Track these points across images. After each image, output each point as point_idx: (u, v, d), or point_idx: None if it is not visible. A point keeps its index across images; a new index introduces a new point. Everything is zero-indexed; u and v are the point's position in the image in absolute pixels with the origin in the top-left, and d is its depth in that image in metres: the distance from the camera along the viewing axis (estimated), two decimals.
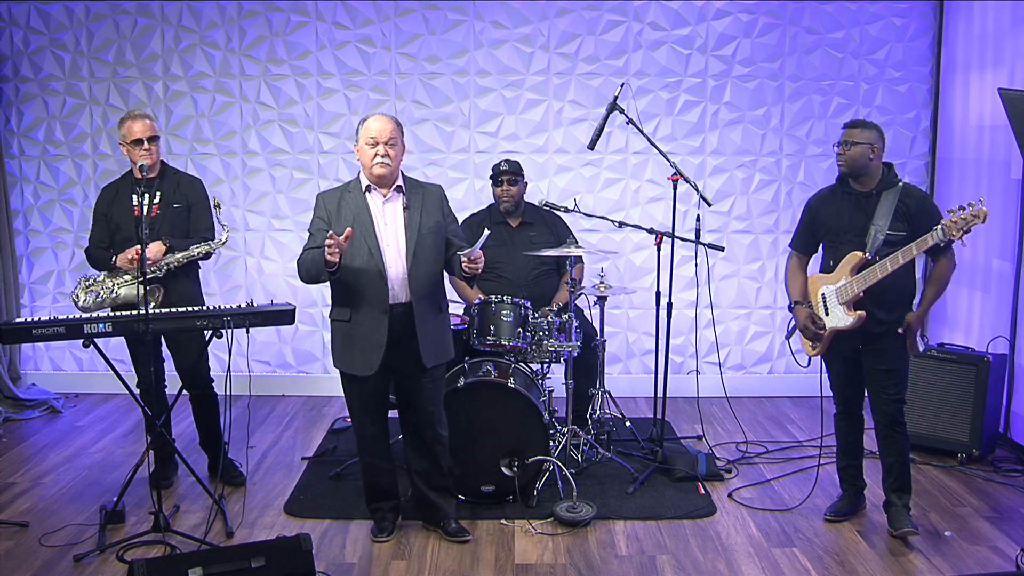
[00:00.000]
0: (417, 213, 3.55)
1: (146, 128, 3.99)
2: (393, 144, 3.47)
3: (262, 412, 5.34)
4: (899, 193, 3.60)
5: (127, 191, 4.06)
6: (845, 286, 3.63)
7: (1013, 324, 4.69)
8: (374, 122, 3.49)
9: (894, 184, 3.63)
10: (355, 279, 3.47)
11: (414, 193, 3.59)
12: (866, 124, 3.67)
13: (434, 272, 3.59)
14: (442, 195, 3.67)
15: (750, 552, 3.60)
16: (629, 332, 5.74)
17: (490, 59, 5.52)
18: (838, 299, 3.65)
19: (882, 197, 3.61)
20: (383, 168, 3.46)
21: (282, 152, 5.61)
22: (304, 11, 5.50)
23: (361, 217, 3.49)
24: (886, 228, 3.56)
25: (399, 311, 3.49)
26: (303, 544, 3.00)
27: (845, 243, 3.68)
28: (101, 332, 3.61)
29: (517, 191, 4.70)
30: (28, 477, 4.37)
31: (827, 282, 3.73)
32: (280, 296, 5.60)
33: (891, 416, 3.66)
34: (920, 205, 3.61)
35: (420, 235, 3.52)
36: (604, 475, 4.30)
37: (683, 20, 5.49)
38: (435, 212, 3.59)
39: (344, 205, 3.53)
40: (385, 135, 3.46)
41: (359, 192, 3.55)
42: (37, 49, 5.54)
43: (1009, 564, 3.46)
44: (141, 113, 4.05)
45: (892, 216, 3.56)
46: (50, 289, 5.72)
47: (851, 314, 3.60)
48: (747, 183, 5.62)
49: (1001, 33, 4.85)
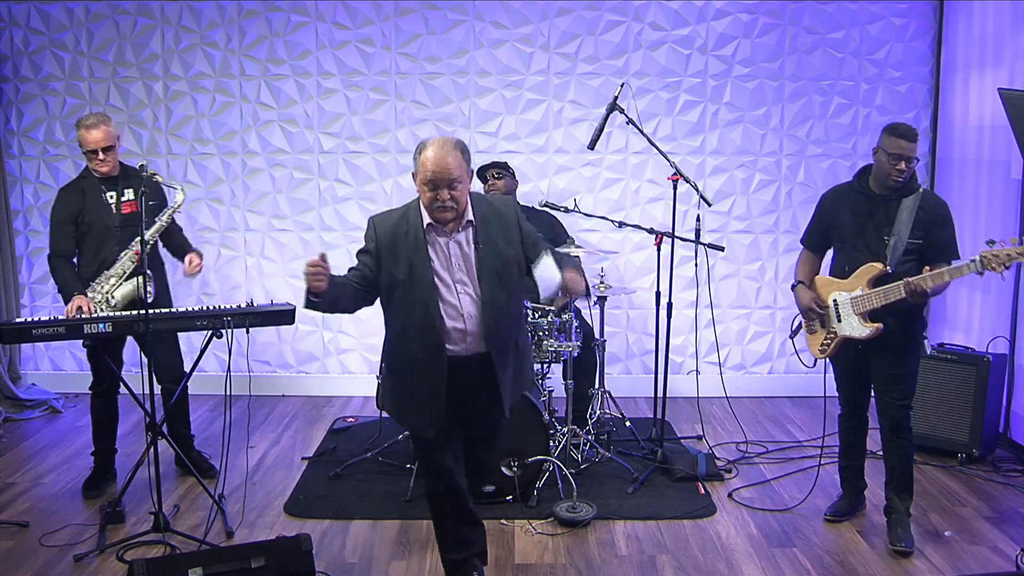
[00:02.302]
0: (492, 248, 2.96)
1: (100, 138, 3.89)
2: (458, 183, 2.86)
3: (262, 412, 5.34)
4: (919, 200, 3.50)
5: (95, 191, 3.99)
6: (862, 298, 3.54)
7: (1013, 324, 4.69)
8: (432, 157, 2.83)
9: (915, 190, 3.53)
10: (411, 333, 2.98)
11: (487, 222, 2.98)
12: (916, 133, 3.50)
13: (515, 313, 3.07)
14: (516, 210, 3.06)
15: (750, 552, 3.60)
16: (629, 332, 5.74)
17: (490, 59, 5.52)
18: (853, 309, 3.57)
19: (902, 204, 3.50)
20: (447, 213, 2.89)
21: (282, 152, 5.61)
22: (304, 11, 5.50)
23: (418, 264, 2.93)
24: (907, 238, 3.47)
25: (474, 363, 2.98)
26: (303, 544, 3.00)
27: (860, 249, 3.58)
28: (101, 332, 3.61)
29: (504, 185, 4.74)
30: (28, 477, 4.37)
31: (840, 288, 3.64)
32: (280, 296, 5.60)
33: (897, 421, 3.62)
34: (935, 214, 3.51)
35: (498, 276, 2.95)
36: (604, 475, 4.30)
37: (683, 20, 5.49)
38: (513, 239, 2.99)
39: (400, 241, 2.95)
40: (446, 177, 2.83)
41: (419, 228, 2.95)
42: (37, 49, 5.54)
43: (1009, 564, 3.46)
44: (96, 120, 3.92)
45: (912, 225, 3.47)
46: (50, 289, 5.71)
47: (868, 325, 3.53)
48: (747, 183, 5.62)
49: (1001, 33, 4.85)
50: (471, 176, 2.98)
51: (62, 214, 3.98)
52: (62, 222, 3.97)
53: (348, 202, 5.63)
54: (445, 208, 2.86)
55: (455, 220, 2.92)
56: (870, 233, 3.56)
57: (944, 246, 3.53)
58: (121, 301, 3.93)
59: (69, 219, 3.97)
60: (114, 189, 4.00)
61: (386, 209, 3.14)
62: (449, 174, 2.83)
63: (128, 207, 4.00)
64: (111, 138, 3.94)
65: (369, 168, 5.61)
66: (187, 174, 5.61)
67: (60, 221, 3.98)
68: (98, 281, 3.94)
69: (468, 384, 3.01)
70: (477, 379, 3.00)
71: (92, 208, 3.98)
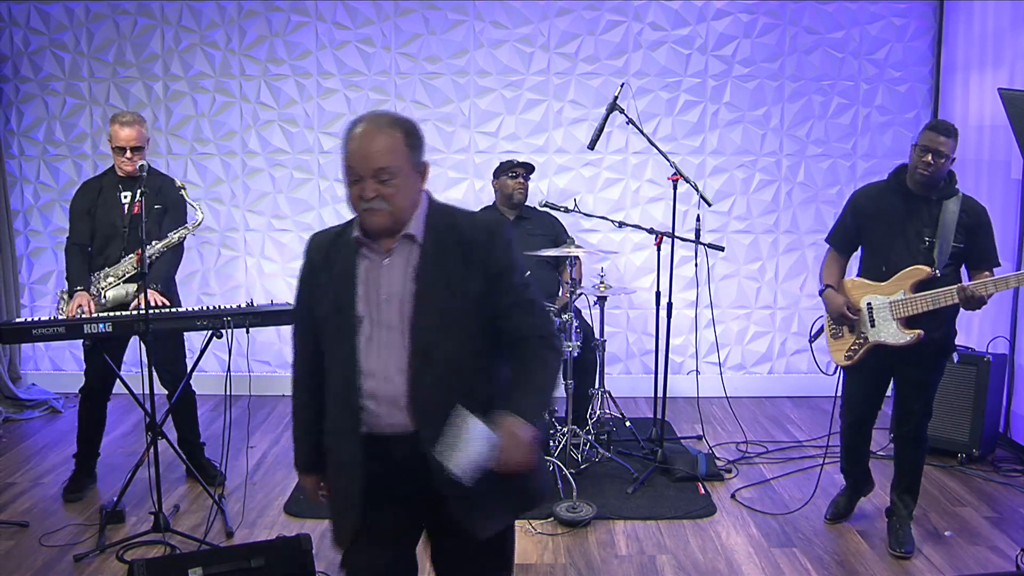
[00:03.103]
0: (440, 277, 2.05)
1: (132, 137, 3.91)
2: (391, 175, 1.98)
3: (262, 412, 5.33)
4: (960, 203, 3.35)
5: (112, 188, 4.01)
6: (904, 302, 3.34)
7: (1013, 324, 4.69)
8: (355, 135, 2.01)
9: (955, 193, 3.38)
10: (332, 396, 2.14)
11: (442, 241, 2.07)
12: (952, 129, 3.33)
13: (471, 372, 2.08)
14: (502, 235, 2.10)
15: (750, 552, 3.60)
16: (629, 332, 5.74)
17: (490, 59, 5.52)
18: (892, 313, 3.38)
19: (945, 206, 3.34)
20: (374, 217, 2.02)
21: (282, 152, 5.61)
22: (304, 11, 5.50)
23: (342, 296, 2.07)
24: (951, 241, 3.31)
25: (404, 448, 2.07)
26: (303, 544, 3.00)
27: (898, 250, 3.39)
28: (101, 332, 3.61)
29: (527, 185, 4.85)
30: (28, 477, 4.37)
31: (876, 291, 3.44)
32: (280, 296, 5.60)
33: (919, 431, 3.52)
34: (979, 220, 3.38)
35: (443, 318, 2.04)
36: (604, 475, 4.29)
37: (683, 20, 5.49)
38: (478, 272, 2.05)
39: (330, 265, 2.12)
40: (370, 164, 1.97)
41: (351, 245, 2.10)
42: (37, 49, 5.54)
43: (1009, 564, 3.46)
44: (132, 119, 3.93)
45: (956, 228, 3.32)
46: (50, 289, 5.72)
47: (908, 332, 3.35)
48: (747, 183, 5.62)
49: (1001, 33, 4.85)
50: (424, 171, 2.08)
51: (78, 203, 4.06)
52: (79, 211, 4.05)
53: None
54: (372, 210, 1.99)
55: (390, 232, 2.05)
56: (910, 234, 3.38)
57: (987, 253, 3.41)
58: (111, 302, 3.93)
59: (84, 209, 4.04)
60: (131, 189, 4.01)
61: None
62: (374, 160, 1.97)
63: (138, 208, 4.02)
64: (142, 139, 3.97)
65: None
66: (187, 174, 5.61)
67: (77, 211, 4.06)
68: (97, 276, 3.96)
69: (401, 481, 2.10)
70: (412, 475, 2.07)
71: (103, 205, 4.01)
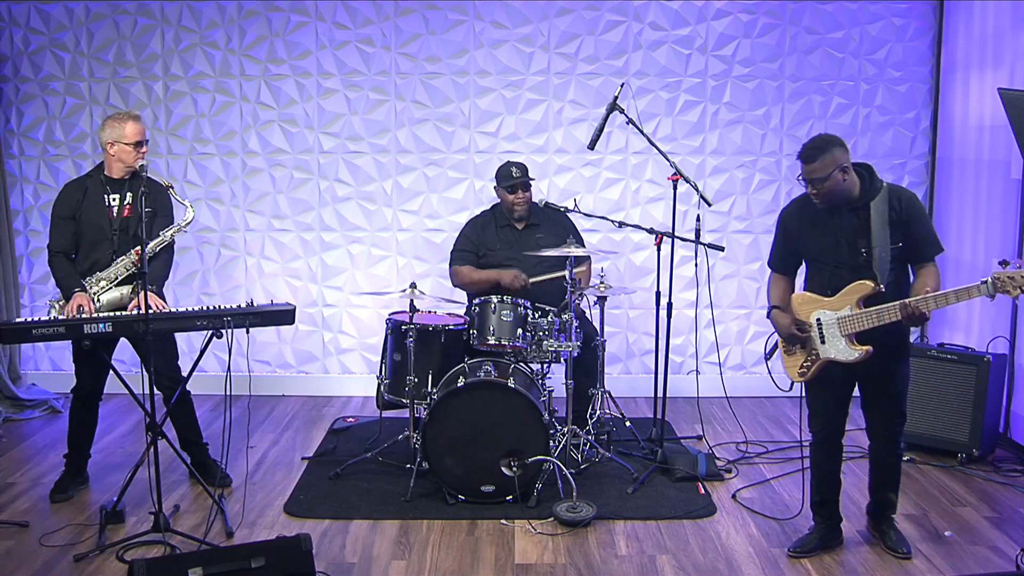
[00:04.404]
0: None
1: (142, 130, 3.97)
2: None
3: (262, 412, 5.34)
4: (886, 200, 3.23)
5: (98, 191, 3.98)
6: (851, 318, 3.26)
7: (1013, 324, 4.69)
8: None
9: (878, 190, 3.25)
10: None
11: None
12: (820, 148, 3.19)
13: None
14: None
15: (750, 552, 3.60)
16: (629, 332, 5.74)
17: (490, 59, 5.52)
18: (840, 330, 3.29)
19: (872, 209, 3.22)
20: None
21: (282, 152, 5.61)
22: (304, 11, 5.50)
23: None
24: (888, 245, 3.21)
25: None
26: (303, 544, 3.00)
27: (841, 265, 3.30)
28: (101, 332, 3.61)
29: (529, 196, 4.67)
30: (28, 477, 4.37)
31: (824, 307, 3.34)
32: (280, 296, 5.61)
33: (894, 440, 3.47)
34: (908, 211, 3.24)
35: None
36: (604, 475, 4.29)
37: (683, 20, 5.49)
38: None
39: None
40: None
41: None
42: (37, 49, 5.54)
43: (1009, 564, 3.46)
44: (136, 114, 4.02)
45: (890, 230, 3.21)
46: (50, 289, 5.70)
47: (856, 348, 3.27)
48: (747, 183, 5.62)
49: (1001, 33, 4.85)
50: None
51: (62, 209, 3.99)
52: (61, 217, 3.98)
53: (348, 202, 5.63)
54: None
55: None
56: (844, 247, 3.28)
57: (924, 244, 3.28)
58: (106, 306, 3.91)
59: (67, 215, 3.98)
60: (119, 192, 3.99)
61: None
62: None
63: (129, 211, 3.99)
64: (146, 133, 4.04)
65: (369, 168, 5.61)
66: (187, 174, 5.61)
67: (59, 216, 3.99)
68: (89, 281, 3.93)
69: None
70: None
71: (89, 207, 3.96)
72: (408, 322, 4.16)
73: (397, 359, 4.30)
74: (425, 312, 4.57)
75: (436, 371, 4.23)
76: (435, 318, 4.48)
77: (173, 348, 4.17)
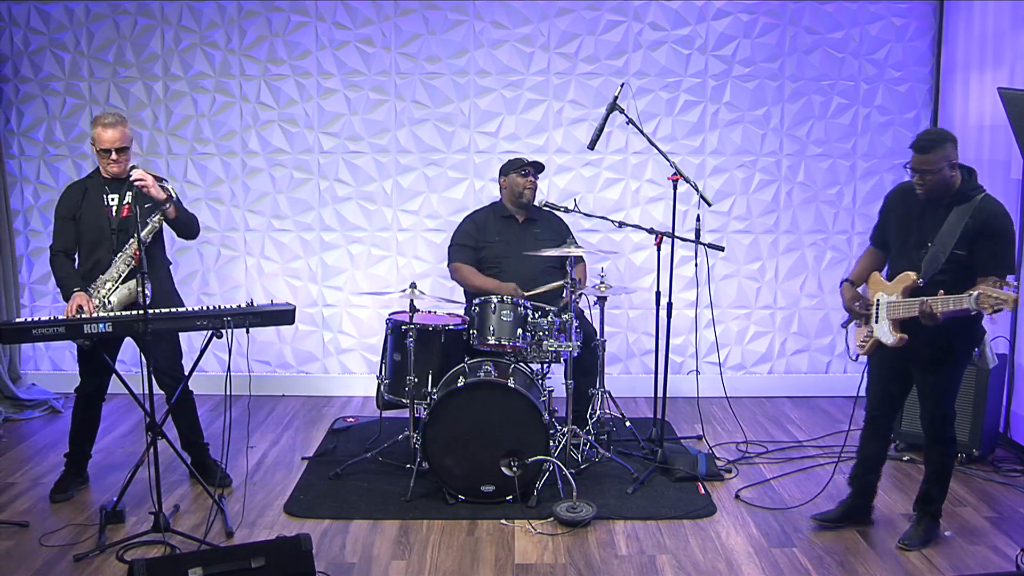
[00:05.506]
0: None
1: (116, 138, 3.89)
2: None
3: (262, 412, 5.34)
4: (972, 208, 3.27)
5: (97, 191, 3.98)
6: (894, 304, 3.41)
7: (1013, 324, 4.69)
8: None
9: (970, 197, 3.30)
10: None
11: None
12: (935, 141, 3.28)
13: None
14: None
15: (750, 552, 3.60)
16: (629, 332, 5.74)
17: (490, 59, 5.52)
18: (887, 313, 3.45)
19: (952, 212, 3.30)
20: None
21: (282, 152, 5.61)
22: (304, 11, 5.50)
23: None
24: (950, 248, 3.27)
25: None
26: (303, 544, 3.00)
27: (909, 251, 3.43)
28: (101, 332, 3.61)
29: (536, 184, 4.81)
30: (28, 477, 4.37)
31: (884, 290, 3.51)
32: (280, 296, 5.61)
33: (931, 431, 3.54)
34: (984, 226, 3.26)
35: None
36: (604, 475, 4.29)
37: (683, 20, 5.49)
38: None
39: None
40: None
41: None
42: (37, 49, 5.54)
43: (1009, 564, 3.46)
44: (115, 120, 3.91)
45: (959, 235, 3.26)
46: (50, 289, 5.71)
47: (895, 333, 3.43)
48: (747, 183, 5.62)
49: (1001, 33, 4.85)
50: None
51: (63, 210, 4.01)
52: (63, 217, 4.00)
53: (348, 202, 5.63)
54: None
55: None
56: (912, 239, 3.42)
57: (990, 259, 3.27)
58: (118, 306, 3.89)
59: (68, 215, 3.99)
60: (117, 192, 3.99)
61: None
62: None
63: (128, 210, 3.99)
64: (126, 139, 3.95)
65: (369, 168, 5.61)
66: (187, 174, 5.61)
67: (61, 216, 4.01)
68: (94, 286, 3.91)
69: None
70: None
71: (89, 208, 3.97)
72: (408, 322, 4.16)
73: (397, 359, 4.30)
74: (425, 312, 4.57)
75: (436, 371, 4.23)
76: (435, 318, 4.48)
77: (176, 347, 4.16)
